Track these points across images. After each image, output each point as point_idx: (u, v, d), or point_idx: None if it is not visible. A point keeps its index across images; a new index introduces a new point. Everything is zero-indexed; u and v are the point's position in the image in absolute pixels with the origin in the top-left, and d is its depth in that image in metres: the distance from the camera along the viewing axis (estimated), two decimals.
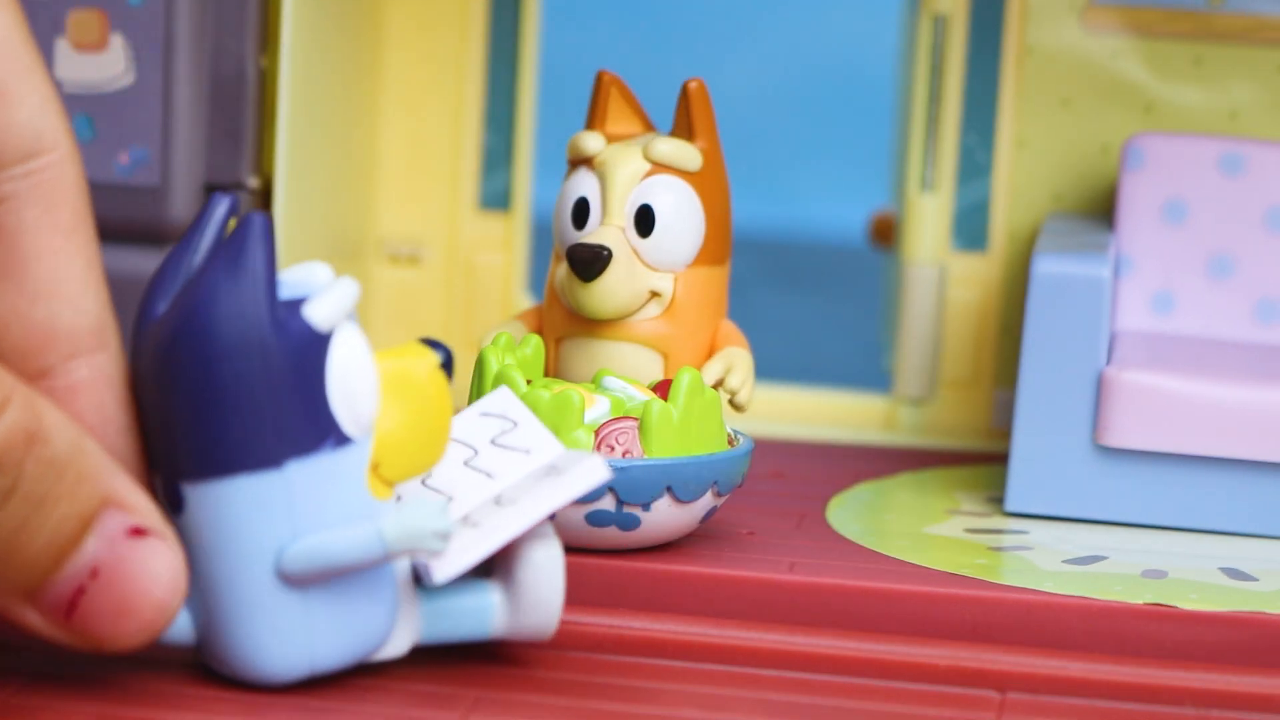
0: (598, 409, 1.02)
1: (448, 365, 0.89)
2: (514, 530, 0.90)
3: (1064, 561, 1.05)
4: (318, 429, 0.87)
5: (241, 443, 0.86)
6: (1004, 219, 1.28)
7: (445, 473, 0.93)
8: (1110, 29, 1.25)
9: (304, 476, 0.87)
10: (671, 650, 0.97)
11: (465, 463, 0.93)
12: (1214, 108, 1.25)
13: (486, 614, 0.92)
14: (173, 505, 0.87)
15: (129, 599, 0.84)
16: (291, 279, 0.88)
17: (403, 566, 0.90)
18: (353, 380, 0.87)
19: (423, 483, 0.92)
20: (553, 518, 0.93)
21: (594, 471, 0.91)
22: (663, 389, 1.03)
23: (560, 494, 0.91)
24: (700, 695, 0.93)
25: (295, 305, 0.87)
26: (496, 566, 0.92)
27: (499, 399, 0.95)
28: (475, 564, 0.90)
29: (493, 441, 0.94)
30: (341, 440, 0.87)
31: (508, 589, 0.92)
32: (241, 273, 0.86)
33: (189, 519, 0.88)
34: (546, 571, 0.91)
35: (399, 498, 0.90)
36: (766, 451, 1.21)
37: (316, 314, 0.87)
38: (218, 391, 0.86)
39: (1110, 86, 1.26)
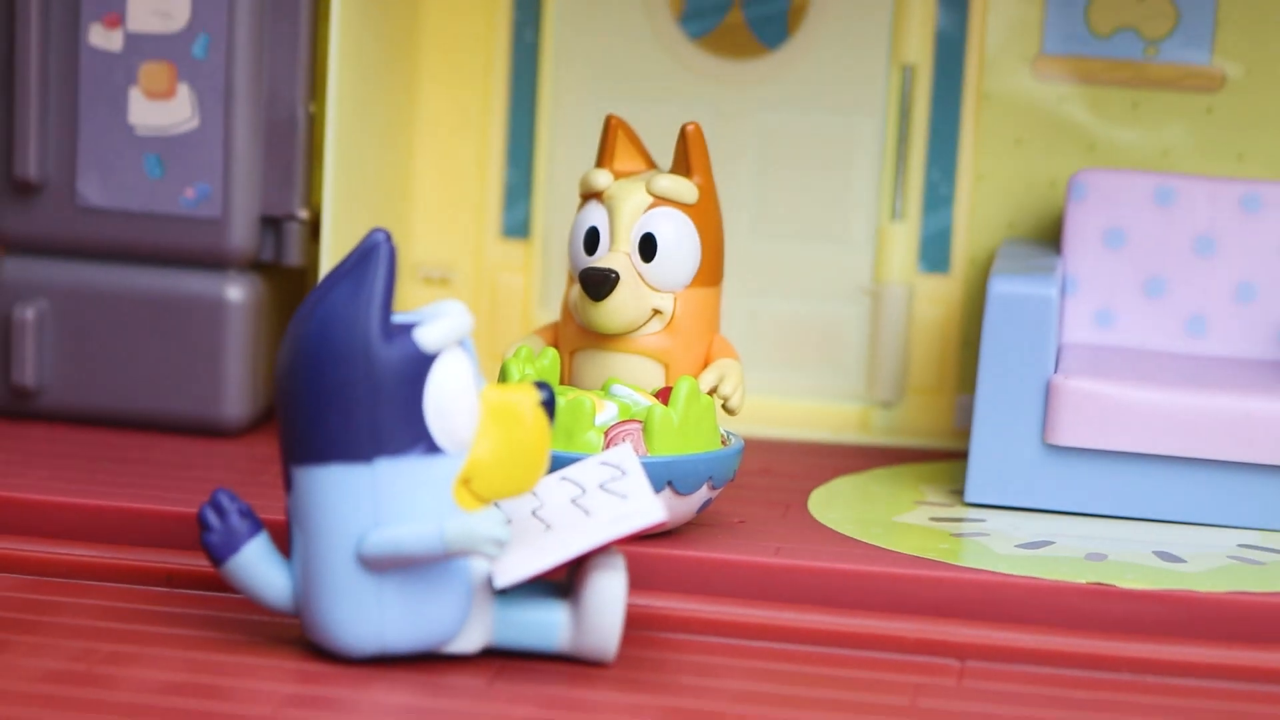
0: (607, 413, 1.02)
1: (549, 404, 0.90)
2: (566, 555, 0.90)
3: (1016, 546, 1.05)
4: (410, 436, 0.88)
5: (338, 436, 0.88)
6: (964, 245, 1.28)
7: (553, 505, 0.93)
8: (1058, 77, 1.26)
9: (391, 474, 0.88)
10: (672, 624, 0.98)
11: (573, 500, 0.93)
12: (1148, 146, 1.25)
13: (553, 630, 0.92)
14: (287, 485, 0.89)
15: None
16: (429, 310, 0.90)
17: (478, 571, 0.90)
18: (448, 399, 0.88)
19: (533, 513, 0.93)
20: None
21: (646, 514, 0.91)
22: (664, 395, 1.04)
23: (615, 529, 0.91)
24: (696, 664, 0.94)
25: (408, 327, 0.88)
26: (570, 588, 0.92)
27: (619, 453, 0.95)
28: (530, 577, 0.89)
29: (601, 486, 0.93)
30: (432, 449, 0.88)
31: (574, 610, 0.91)
32: (361, 290, 0.88)
33: (295, 498, 0.89)
34: (606, 598, 0.91)
35: (509, 520, 0.91)
36: (755, 450, 1.21)
37: (424, 337, 0.88)
38: (324, 389, 0.88)
39: (1057, 128, 1.26)
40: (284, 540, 0.93)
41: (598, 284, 1.05)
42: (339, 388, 0.88)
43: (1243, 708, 0.92)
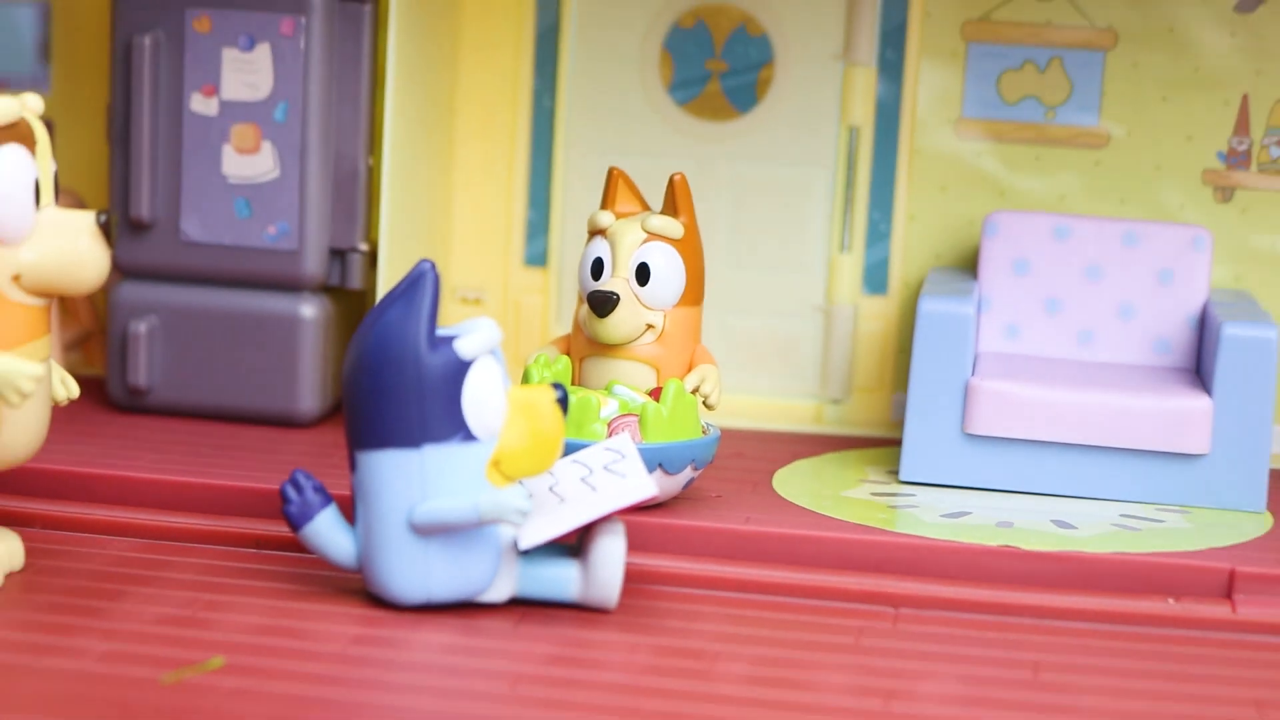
0: (609, 408, 1.02)
1: (563, 401, 0.90)
2: (576, 523, 0.90)
3: (941, 515, 1.05)
4: (451, 426, 0.88)
5: (393, 427, 0.87)
6: (899, 272, 1.27)
7: (566, 482, 0.93)
8: (975, 136, 1.26)
9: (435, 457, 0.88)
10: (664, 579, 0.98)
11: (582, 479, 0.93)
12: (1048, 192, 1.25)
13: (567, 583, 0.91)
14: (351, 466, 0.89)
15: None
16: (466, 325, 0.89)
17: (506, 535, 0.90)
18: (482, 397, 0.88)
19: (550, 489, 0.92)
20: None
21: (642, 490, 0.91)
22: (656, 394, 1.04)
23: (616, 501, 0.91)
24: (682, 611, 0.95)
25: (450, 339, 0.88)
26: (580, 549, 0.92)
27: (620, 441, 0.95)
28: (548, 540, 0.90)
29: (605, 467, 0.93)
30: (469, 437, 0.88)
31: (583, 567, 0.91)
32: (411, 309, 0.87)
33: (358, 477, 0.89)
34: (609, 557, 0.91)
35: (530, 495, 0.90)
36: (729, 438, 1.21)
37: (462, 347, 0.88)
38: (381, 389, 0.87)
39: (975, 177, 1.26)
40: (349, 511, 0.94)
41: (602, 303, 1.05)
42: (394, 387, 0.88)
43: (1122, 645, 0.93)
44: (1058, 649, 0.91)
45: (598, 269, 1.07)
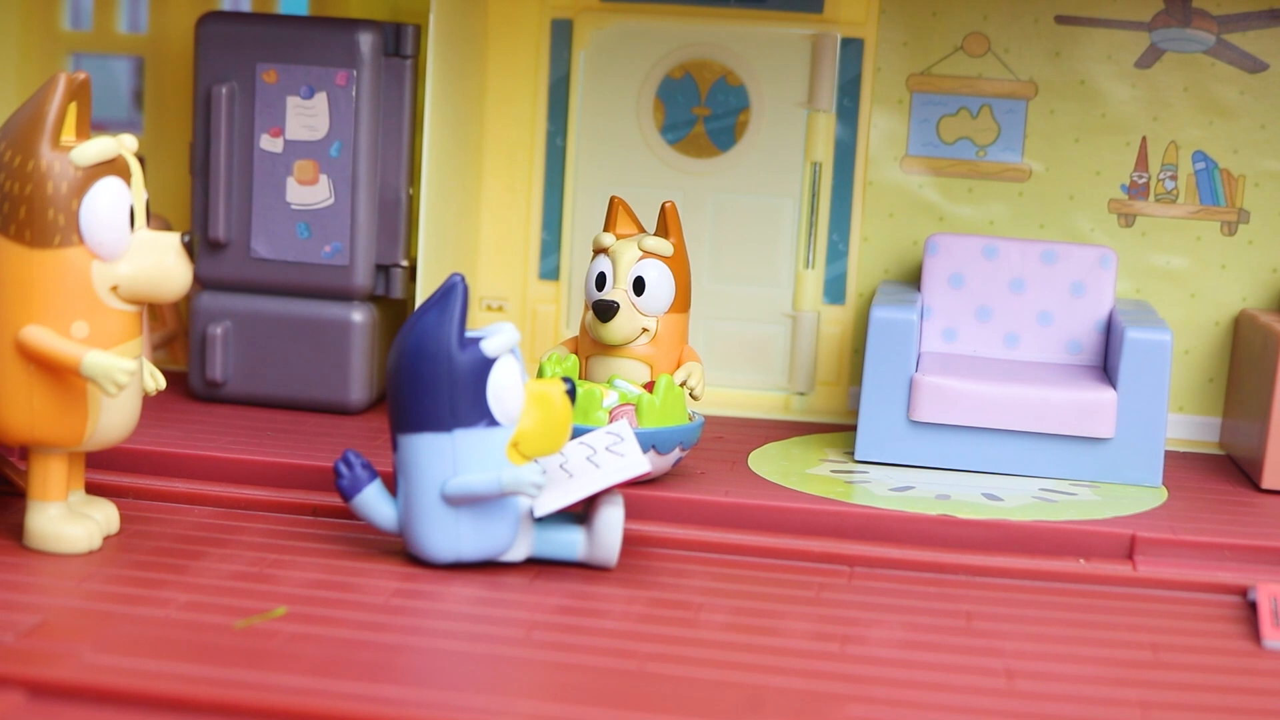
0: (611, 398, 1.02)
1: (571, 393, 0.90)
2: (582, 494, 0.89)
3: (889, 489, 1.05)
4: (477, 413, 0.87)
5: (428, 414, 0.87)
6: (855, 284, 1.27)
7: (574, 460, 0.93)
8: (918, 171, 1.25)
9: (464, 440, 0.88)
10: (657, 542, 0.98)
11: (587, 458, 0.93)
12: (979, 218, 1.25)
13: (574, 545, 0.91)
14: (393, 447, 0.89)
15: None
16: (490, 328, 0.89)
17: (524, 505, 0.90)
18: (504, 389, 0.88)
19: (560, 466, 0.92)
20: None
21: (637, 467, 0.91)
22: (650, 387, 1.04)
23: (616, 477, 0.91)
24: (672, 569, 0.95)
25: (477, 340, 0.88)
26: (586, 517, 0.92)
27: (619, 426, 0.95)
28: (558, 509, 0.89)
29: (606, 448, 0.93)
30: (492, 423, 0.88)
31: (588, 532, 0.91)
32: (443, 314, 0.87)
33: (399, 456, 0.89)
34: (609, 524, 0.91)
35: (544, 471, 0.90)
36: (712, 424, 1.21)
37: (487, 346, 0.88)
38: (419, 382, 0.87)
39: (918, 205, 1.26)
40: (392, 484, 0.94)
41: (605, 310, 1.06)
42: (430, 380, 0.88)
43: (1041, 598, 0.93)
44: (987, 601, 0.91)
45: (601, 281, 1.07)
